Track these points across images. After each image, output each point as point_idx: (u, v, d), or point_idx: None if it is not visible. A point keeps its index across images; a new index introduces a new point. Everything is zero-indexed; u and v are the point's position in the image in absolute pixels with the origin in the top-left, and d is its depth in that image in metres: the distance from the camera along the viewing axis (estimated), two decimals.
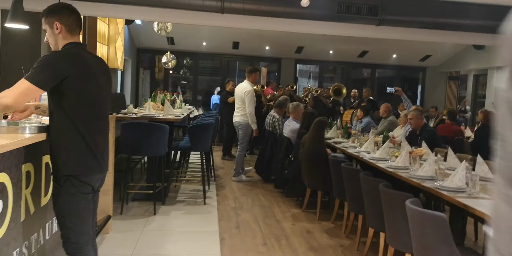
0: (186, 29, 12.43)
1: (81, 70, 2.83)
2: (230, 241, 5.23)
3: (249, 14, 5.61)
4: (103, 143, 3.03)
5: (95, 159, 2.90)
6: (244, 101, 8.48)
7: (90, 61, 2.97)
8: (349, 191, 5.20)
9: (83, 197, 2.89)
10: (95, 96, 2.95)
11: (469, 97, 16.23)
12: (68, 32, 2.94)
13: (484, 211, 3.17)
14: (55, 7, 2.98)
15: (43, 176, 3.14)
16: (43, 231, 3.21)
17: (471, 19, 5.92)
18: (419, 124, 6.99)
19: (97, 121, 2.98)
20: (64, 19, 2.93)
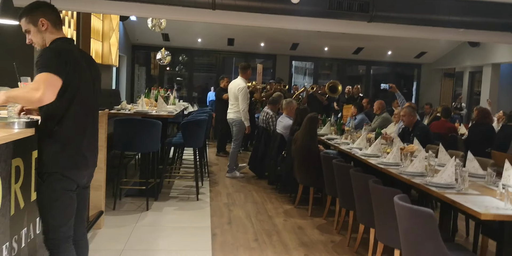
0: (181, 25, 12.44)
1: (73, 66, 2.82)
2: (222, 236, 5.25)
3: (240, 10, 5.61)
4: (91, 139, 3.01)
5: (81, 156, 2.90)
6: (237, 98, 8.47)
7: (80, 58, 2.96)
8: (340, 187, 5.22)
9: (66, 194, 2.86)
10: (85, 92, 2.93)
11: (464, 94, 16.29)
12: (54, 27, 2.93)
13: (471, 207, 3.19)
14: (35, 5, 2.95)
15: (33, 171, 3.14)
16: (33, 225, 3.22)
17: (463, 15, 5.94)
18: (412, 121, 7.01)
19: (86, 118, 2.96)
20: (48, 14, 2.92)
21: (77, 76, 2.86)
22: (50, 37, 2.93)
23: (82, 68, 2.93)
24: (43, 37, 2.92)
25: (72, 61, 2.83)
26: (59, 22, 2.99)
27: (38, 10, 2.91)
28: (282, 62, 16.31)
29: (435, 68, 16.66)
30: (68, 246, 2.93)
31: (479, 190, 3.82)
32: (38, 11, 2.91)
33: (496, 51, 13.21)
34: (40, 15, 2.89)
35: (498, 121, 9.45)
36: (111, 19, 10.45)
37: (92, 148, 3.03)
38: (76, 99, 2.86)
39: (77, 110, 2.87)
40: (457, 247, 3.65)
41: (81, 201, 3.10)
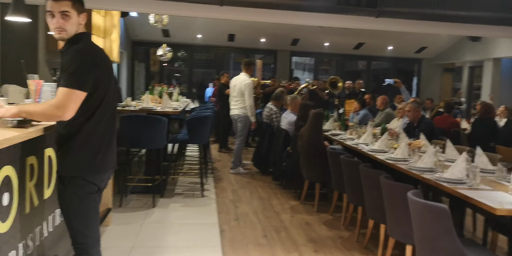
0: (181, 21, 12.40)
1: (102, 69, 2.79)
2: (230, 233, 5.25)
3: (248, 6, 5.59)
4: (111, 141, 2.94)
5: (102, 159, 2.83)
6: (243, 94, 8.45)
7: (106, 57, 2.92)
8: (349, 183, 5.22)
9: (88, 197, 2.81)
10: (109, 95, 2.86)
11: (464, 89, 16.29)
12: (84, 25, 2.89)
13: (486, 203, 3.20)
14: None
15: (46, 169, 3.14)
16: (46, 223, 3.22)
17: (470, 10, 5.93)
18: (417, 116, 7.02)
19: (107, 120, 2.88)
20: (86, 12, 2.90)
21: (105, 79, 2.81)
22: (79, 31, 2.85)
23: (109, 69, 2.88)
24: (77, 30, 2.82)
25: (101, 63, 2.78)
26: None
27: (84, 5, 2.87)
28: (283, 57, 16.28)
29: (435, 63, 16.66)
30: (97, 250, 2.93)
31: (490, 185, 3.82)
32: (83, 6, 2.86)
33: (497, 45, 13.21)
34: (84, 9, 2.86)
35: (500, 116, 9.46)
36: (112, 15, 10.39)
37: (112, 151, 2.95)
38: (102, 104, 2.80)
39: (100, 114, 2.81)
40: (470, 242, 3.66)
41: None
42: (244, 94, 8.42)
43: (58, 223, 3.47)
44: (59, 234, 3.49)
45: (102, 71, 2.77)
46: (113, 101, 2.96)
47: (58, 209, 3.45)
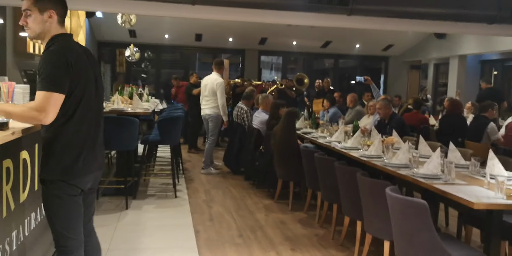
0: (148, 21, 12.27)
1: (78, 68, 2.71)
2: (205, 233, 5.21)
3: (221, 5, 5.55)
4: (94, 142, 2.88)
5: (84, 161, 2.77)
6: (215, 93, 8.43)
7: (82, 54, 2.83)
8: (323, 180, 5.23)
9: (70, 200, 2.75)
10: (88, 94, 2.81)
11: (430, 86, 16.52)
12: (59, 23, 2.80)
13: (463, 197, 3.23)
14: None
15: (21, 172, 3.06)
16: (22, 227, 3.14)
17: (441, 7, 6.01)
18: (388, 113, 7.08)
19: (89, 121, 2.83)
20: (59, 9, 2.79)
21: (82, 79, 2.76)
22: (51, 32, 2.77)
23: (86, 68, 2.81)
24: (44, 28, 2.75)
25: (76, 62, 2.69)
26: (64, 20, 2.87)
27: (51, 0, 2.77)
28: (251, 57, 16.25)
29: (402, 61, 16.86)
30: (80, 253, 2.85)
31: (465, 180, 3.87)
32: (51, 2, 2.76)
33: (462, 42, 13.44)
34: (51, 6, 2.75)
35: (467, 111, 9.63)
36: (78, 16, 10.24)
37: (96, 152, 2.90)
38: (81, 103, 2.75)
39: (81, 114, 2.75)
40: (447, 237, 3.70)
41: (89, 207, 3.02)
42: (217, 94, 8.38)
43: (33, 227, 3.38)
44: (35, 239, 3.41)
45: (77, 70, 2.69)
46: (96, 100, 2.90)
47: (33, 213, 3.37)
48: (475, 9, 6.13)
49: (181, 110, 8.09)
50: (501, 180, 3.26)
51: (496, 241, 3.41)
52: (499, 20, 6.24)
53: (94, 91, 2.87)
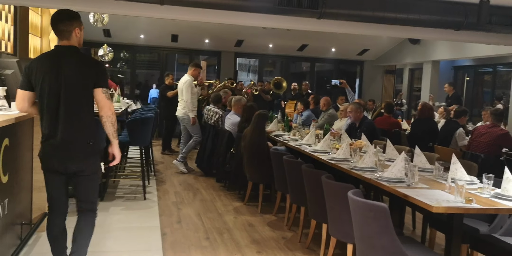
0: (123, 21, 12.17)
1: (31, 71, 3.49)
2: (172, 236, 5.16)
3: (189, 5, 5.50)
4: (51, 133, 3.50)
5: (43, 149, 3.56)
6: (182, 92, 8.55)
7: (44, 60, 3.52)
8: (291, 183, 5.22)
9: (45, 174, 3.64)
10: (40, 91, 3.47)
11: (404, 90, 16.67)
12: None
13: (423, 201, 3.24)
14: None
15: None
16: None
17: (409, 13, 6.05)
18: (358, 117, 7.12)
19: (45, 114, 3.48)
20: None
21: (38, 81, 3.44)
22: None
23: (42, 72, 3.44)
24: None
25: (33, 68, 3.46)
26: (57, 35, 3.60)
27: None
28: (227, 59, 16.21)
29: (377, 65, 16.97)
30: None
31: (428, 184, 3.89)
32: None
33: (436, 48, 13.57)
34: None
35: (440, 116, 9.71)
36: (50, 14, 10.10)
37: (56, 141, 3.48)
38: (39, 100, 3.48)
39: (40, 110, 3.51)
40: (408, 240, 3.71)
41: (76, 187, 3.71)
42: (183, 92, 8.48)
43: None
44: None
45: (34, 74, 3.44)
46: (54, 99, 3.42)
47: None
48: (442, 15, 6.17)
49: (152, 111, 8.02)
50: (461, 184, 3.28)
51: (457, 244, 3.43)
52: (465, 27, 6.30)
53: (48, 90, 3.43)
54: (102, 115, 3.56)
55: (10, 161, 3.79)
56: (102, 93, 3.51)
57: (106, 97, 3.54)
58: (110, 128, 3.60)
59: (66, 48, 3.54)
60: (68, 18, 3.55)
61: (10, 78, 4.52)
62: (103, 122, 3.58)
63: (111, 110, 3.57)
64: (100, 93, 3.50)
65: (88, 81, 3.48)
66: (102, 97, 3.51)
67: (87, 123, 3.56)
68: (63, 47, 3.54)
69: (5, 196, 3.71)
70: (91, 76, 3.49)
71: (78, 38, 3.59)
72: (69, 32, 3.51)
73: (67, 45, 3.53)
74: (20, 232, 4.19)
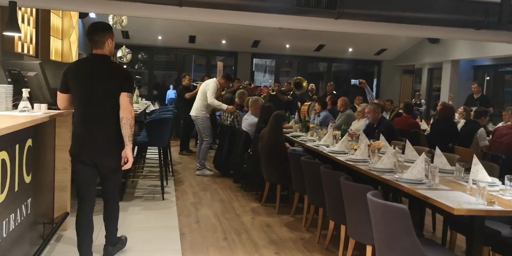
0: (141, 22, 12.25)
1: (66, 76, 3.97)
2: (191, 236, 5.19)
3: (207, 7, 5.53)
4: (85, 133, 3.95)
5: (75, 146, 4.00)
6: (204, 94, 8.59)
7: (80, 68, 4.01)
8: (309, 184, 5.22)
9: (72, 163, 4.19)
10: (74, 94, 3.98)
11: (423, 90, 16.55)
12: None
13: (444, 203, 3.22)
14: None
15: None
16: (0, 229, 3.09)
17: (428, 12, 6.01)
18: (376, 117, 7.08)
19: (81, 115, 3.97)
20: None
21: (73, 84, 3.94)
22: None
23: (77, 77, 3.93)
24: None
25: (68, 73, 3.95)
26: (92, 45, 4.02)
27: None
28: (244, 59, 16.25)
29: (395, 65, 16.89)
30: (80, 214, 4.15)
31: (449, 185, 3.87)
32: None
33: (455, 47, 13.47)
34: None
35: (459, 116, 9.63)
36: (71, 16, 10.21)
37: (86, 137, 3.94)
38: (75, 102, 3.98)
39: (76, 110, 4.00)
40: (429, 242, 3.69)
41: (101, 179, 4.20)
42: (206, 94, 8.59)
43: (12, 229, 3.35)
44: (14, 240, 3.38)
45: (70, 78, 3.93)
46: (89, 102, 3.90)
47: (13, 214, 3.33)
48: (463, 15, 6.13)
49: (170, 111, 8.07)
50: (483, 186, 3.25)
51: (478, 247, 3.40)
52: (486, 26, 6.24)
53: (84, 93, 3.91)
54: (123, 116, 3.87)
55: (33, 162, 3.85)
56: (126, 97, 3.89)
57: (130, 101, 3.90)
58: (128, 130, 3.89)
59: (99, 56, 3.99)
60: (102, 29, 3.99)
61: (33, 80, 4.58)
62: (122, 123, 3.87)
63: (132, 114, 3.91)
64: (125, 96, 3.88)
65: (115, 86, 3.88)
66: (126, 100, 3.88)
67: (113, 123, 3.91)
68: (97, 55, 4.00)
69: (29, 196, 3.76)
70: (119, 82, 3.88)
71: (110, 48, 4.03)
72: (102, 42, 3.96)
73: (100, 54, 3.99)
74: (43, 231, 4.24)
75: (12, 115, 3.86)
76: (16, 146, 3.42)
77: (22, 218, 3.58)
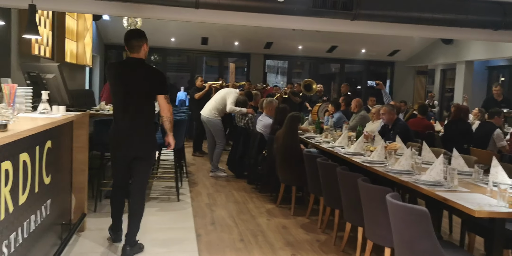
0: (155, 24, 12.30)
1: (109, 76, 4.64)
2: (207, 237, 5.19)
3: (224, 9, 5.55)
4: (120, 128, 4.50)
5: (111, 140, 4.58)
6: (223, 99, 8.70)
7: (119, 67, 4.61)
8: (325, 186, 5.21)
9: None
10: (113, 93, 4.57)
11: (436, 91, 16.47)
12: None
13: (465, 205, 3.20)
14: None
15: (21, 174, 3.04)
16: (21, 230, 3.11)
17: (445, 13, 5.99)
18: (391, 119, 7.05)
19: (117, 112, 4.53)
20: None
21: (111, 84, 4.55)
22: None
23: (115, 77, 4.50)
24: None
25: (109, 74, 4.58)
26: (129, 50, 4.49)
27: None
28: (256, 61, 16.27)
29: (408, 66, 16.83)
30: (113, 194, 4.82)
31: (467, 187, 3.85)
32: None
33: (469, 48, 13.39)
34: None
35: (474, 118, 9.57)
36: (85, 18, 10.28)
37: (122, 131, 4.48)
38: (113, 100, 4.58)
39: (114, 107, 4.56)
40: (449, 244, 3.67)
41: (133, 168, 4.60)
42: (226, 100, 8.70)
43: (33, 229, 3.37)
44: (35, 240, 3.40)
45: (109, 78, 4.59)
46: (125, 98, 4.41)
47: (33, 215, 3.36)
48: (480, 15, 6.10)
49: (184, 113, 8.08)
50: (504, 188, 3.23)
51: (499, 250, 3.38)
52: (504, 26, 6.21)
53: (121, 93, 4.44)
54: (163, 115, 4.56)
55: (52, 163, 3.87)
56: (164, 99, 4.47)
57: (167, 102, 4.49)
58: (168, 124, 4.60)
59: (136, 60, 4.47)
60: (139, 35, 4.47)
61: (51, 82, 4.62)
62: (163, 120, 4.57)
63: (170, 112, 4.55)
64: (162, 98, 4.46)
65: (150, 87, 4.42)
66: (164, 101, 4.48)
67: (147, 120, 4.51)
68: (134, 58, 4.47)
69: (48, 197, 3.78)
70: (154, 84, 4.43)
71: (145, 52, 4.50)
72: (139, 46, 4.43)
73: (136, 57, 4.46)
74: (61, 232, 4.26)
75: (32, 117, 3.89)
76: (37, 148, 3.44)
77: (42, 219, 3.60)
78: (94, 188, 6.18)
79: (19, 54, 6.82)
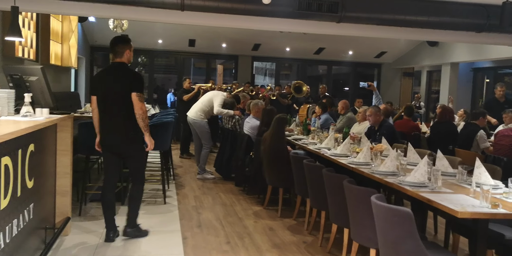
0: (141, 26, 12.27)
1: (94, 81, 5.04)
2: (193, 240, 5.18)
3: (209, 11, 5.54)
4: (106, 127, 4.84)
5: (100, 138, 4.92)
6: (209, 101, 8.68)
7: (103, 74, 4.96)
8: (312, 187, 5.21)
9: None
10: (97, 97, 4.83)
11: (422, 93, 16.56)
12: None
13: (448, 206, 3.22)
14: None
15: (3, 178, 3.01)
16: (3, 234, 3.08)
17: (429, 16, 6.02)
18: (378, 120, 7.08)
19: (102, 114, 4.81)
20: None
21: (96, 89, 4.84)
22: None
23: (99, 82, 4.85)
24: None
25: (95, 79, 5.03)
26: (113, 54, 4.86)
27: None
28: (244, 62, 16.27)
29: (395, 68, 16.91)
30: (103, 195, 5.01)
31: (451, 188, 3.87)
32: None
33: (454, 50, 13.48)
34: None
35: (459, 119, 9.63)
36: (70, 20, 10.22)
37: (108, 132, 4.82)
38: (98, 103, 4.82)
39: (100, 109, 4.81)
40: (433, 245, 3.68)
41: (128, 165, 5.12)
42: (212, 102, 8.66)
43: (16, 234, 3.34)
44: (17, 245, 3.37)
45: (96, 83, 4.91)
46: (106, 101, 4.74)
47: (16, 220, 3.32)
48: (463, 18, 6.14)
49: (171, 115, 8.06)
50: (486, 189, 3.25)
51: (482, 250, 3.40)
52: (487, 29, 6.25)
53: (103, 96, 4.75)
54: (136, 112, 4.68)
55: (35, 166, 3.84)
56: (136, 96, 4.66)
57: (139, 99, 4.67)
58: (141, 122, 4.71)
59: (118, 64, 4.84)
60: (122, 42, 4.85)
61: (34, 84, 4.59)
62: (136, 118, 4.69)
63: (142, 109, 4.68)
64: (134, 95, 4.66)
65: (127, 88, 4.67)
66: (135, 99, 4.67)
67: (128, 120, 4.71)
68: (116, 63, 4.85)
69: (31, 201, 3.75)
70: (129, 84, 4.68)
71: (128, 57, 4.87)
72: (122, 52, 4.81)
73: (119, 62, 4.84)
74: (45, 236, 4.23)
75: (15, 120, 3.86)
76: (19, 151, 3.41)
77: (24, 223, 3.57)
78: (79, 192, 6.13)
79: (2, 56, 6.76)
